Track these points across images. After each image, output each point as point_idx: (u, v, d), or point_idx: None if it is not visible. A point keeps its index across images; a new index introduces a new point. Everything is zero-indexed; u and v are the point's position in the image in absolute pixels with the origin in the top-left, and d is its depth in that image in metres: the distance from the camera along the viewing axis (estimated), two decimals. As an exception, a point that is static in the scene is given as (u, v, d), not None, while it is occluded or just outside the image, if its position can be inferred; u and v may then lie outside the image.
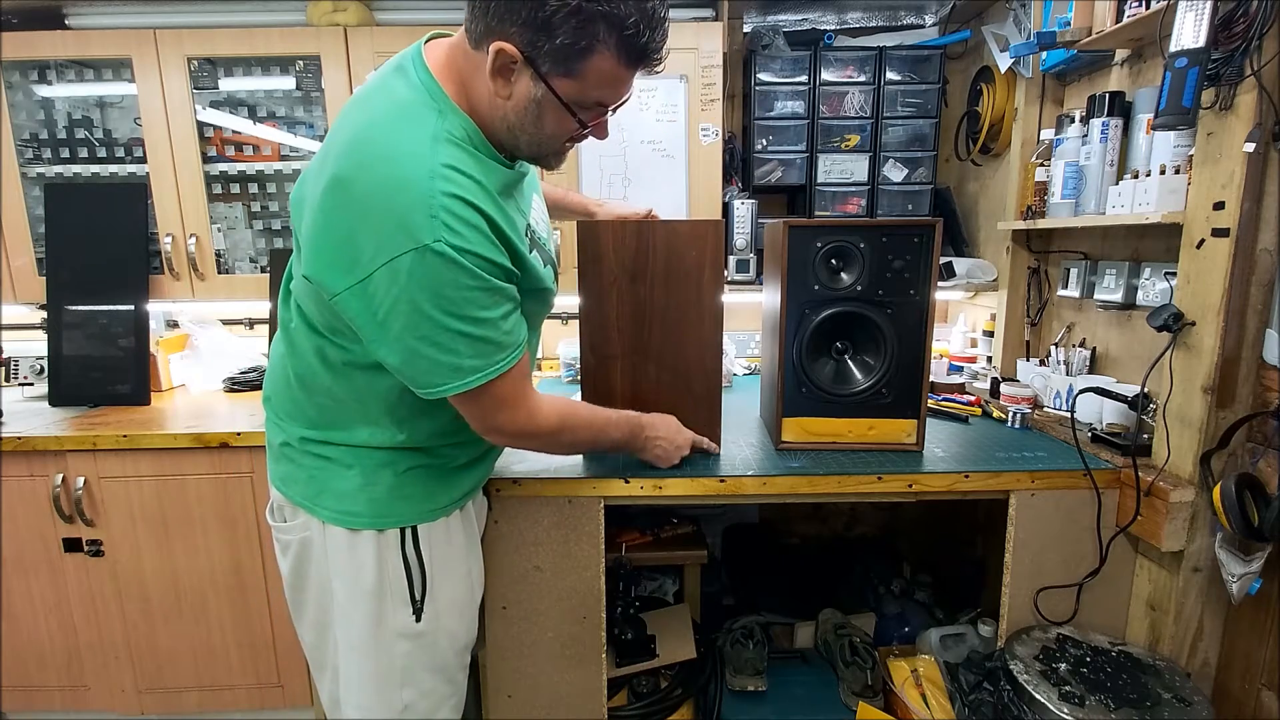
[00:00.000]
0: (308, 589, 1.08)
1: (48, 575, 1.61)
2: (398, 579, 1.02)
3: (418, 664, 1.06)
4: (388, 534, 1.01)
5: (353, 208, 0.81)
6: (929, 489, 1.27)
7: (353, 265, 0.81)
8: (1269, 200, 1.10)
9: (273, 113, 2.01)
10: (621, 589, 1.62)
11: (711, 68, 1.81)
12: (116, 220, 1.81)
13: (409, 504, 1.02)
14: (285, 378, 1.03)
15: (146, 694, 1.68)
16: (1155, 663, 1.21)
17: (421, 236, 0.79)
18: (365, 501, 1.00)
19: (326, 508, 1.01)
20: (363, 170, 0.81)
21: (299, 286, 0.96)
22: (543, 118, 0.87)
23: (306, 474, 1.02)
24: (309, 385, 1.00)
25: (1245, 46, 1.05)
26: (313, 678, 1.18)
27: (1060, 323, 1.73)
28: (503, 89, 0.84)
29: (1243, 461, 1.18)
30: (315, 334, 0.96)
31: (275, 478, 1.07)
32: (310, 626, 1.11)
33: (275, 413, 1.07)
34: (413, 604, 1.03)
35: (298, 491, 1.03)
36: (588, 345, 1.28)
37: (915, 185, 2.01)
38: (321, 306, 0.91)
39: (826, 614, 1.80)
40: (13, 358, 1.89)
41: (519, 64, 0.81)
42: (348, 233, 0.82)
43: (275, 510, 1.10)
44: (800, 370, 1.33)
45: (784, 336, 1.32)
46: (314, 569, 1.06)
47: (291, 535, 1.06)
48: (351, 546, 1.01)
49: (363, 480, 1.00)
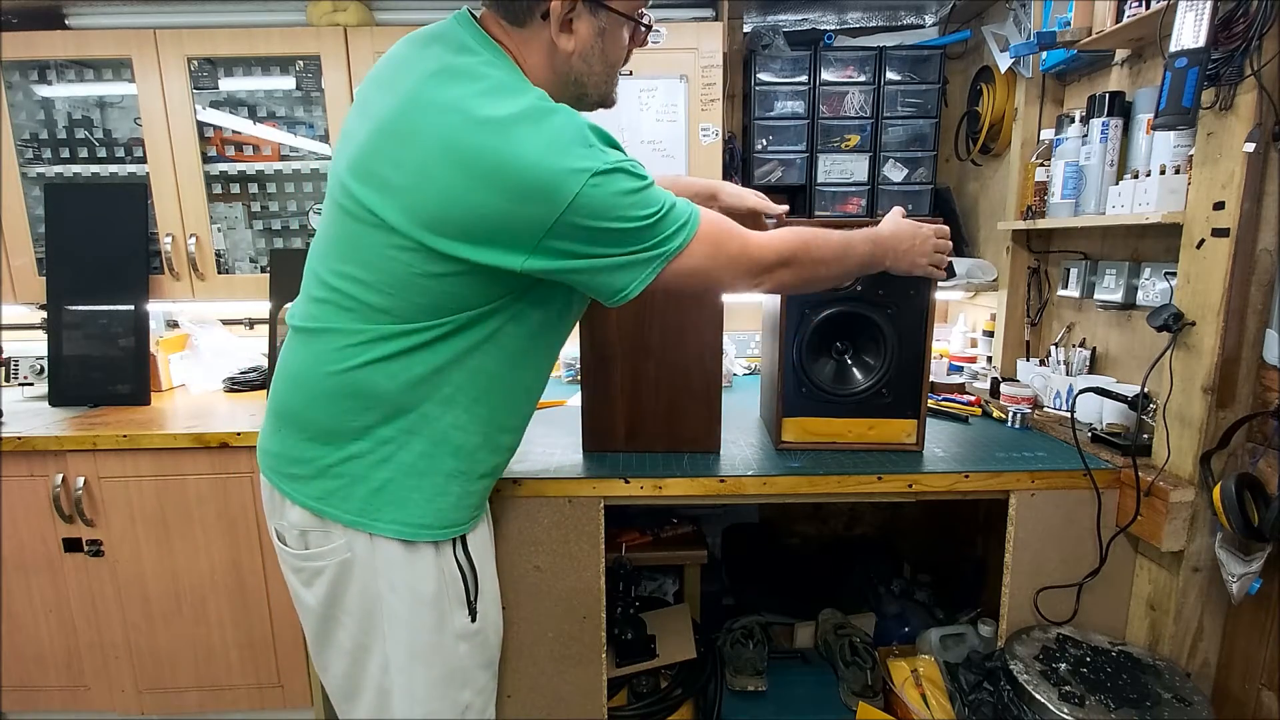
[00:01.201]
0: (343, 615, 1.01)
1: (48, 575, 1.61)
2: (454, 583, 1.01)
3: (474, 663, 1.06)
4: (443, 543, 0.99)
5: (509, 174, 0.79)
6: (929, 489, 1.27)
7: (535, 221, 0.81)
8: (1269, 200, 1.10)
9: (273, 113, 2.01)
10: (621, 589, 1.62)
11: (711, 68, 1.81)
12: (116, 220, 1.81)
13: (466, 512, 1.01)
14: (332, 384, 0.92)
15: (146, 694, 1.68)
16: (1155, 663, 1.21)
17: (593, 164, 0.80)
18: (432, 513, 0.96)
19: (386, 520, 0.95)
20: (498, 135, 0.79)
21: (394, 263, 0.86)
22: (608, 46, 0.91)
23: (365, 487, 0.94)
24: (371, 384, 0.91)
25: (1245, 46, 1.05)
26: (337, 711, 1.10)
27: (1060, 323, 1.73)
28: (567, 42, 0.88)
29: (1243, 461, 1.18)
30: (380, 326, 0.89)
31: (310, 498, 0.96)
32: (342, 654, 1.03)
33: (306, 426, 0.96)
34: (469, 605, 1.02)
35: (349, 508, 0.95)
36: (588, 345, 1.28)
37: (915, 185, 2.01)
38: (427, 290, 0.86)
39: (826, 614, 1.80)
40: (13, 358, 1.89)
41: (578, 6, 0.85)
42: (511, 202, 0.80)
43: (295, 536, 1.00)
44: (800, 370, 1.33)
45: (784, 336, 1.32)
46: (355, 589, 0.99)
47: (325, 561, 0.98)
48: (409, 558, 0.97)
49: (429, 489, 0.96)
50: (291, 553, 1.01)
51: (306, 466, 0.96)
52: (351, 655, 1.03)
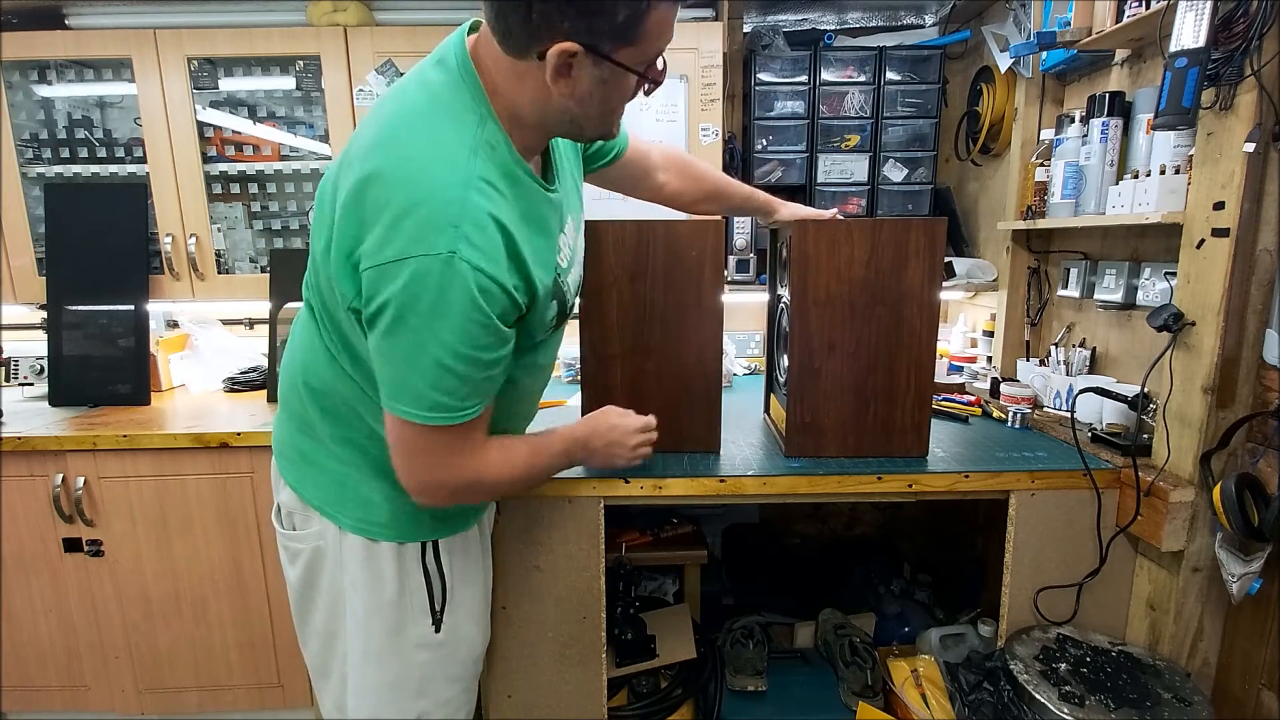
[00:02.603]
0: (317, 598, 1.05)
1: (48, 575, 1.61)
2: (418, 590, 1.00)
3: (436, 674, 1.05)
4: (408, 546, 0.99)
5: (383, 199, 0.77)
6: (929, 489, 1.27)
7: (378, 249, 0.77)
8: (1269, 200, 1.10)
9: (273, 113, 2.01)
10: (621, 589, 1.62)
11: (711, 68, 1.81)
12: (116, 220, 1.81)
13: (434, 520, 1.00)
14: (306, 378, 0.97)
15: (146, 694, 1.68)
16: (1155, 663, 1.21)
17: (446, 245, 0.75)
18: (389, 514, 0.97)
19: (349, 516, 0.97)
20: (399, 166, 0.78)
21: (324, 280, 0.90)
22: (610, 94, 0.83)
23: (330, 478, 0.98)
24: (333, 388, 0.95)
25: (1245, 46, 1.04)
26: (313, 684, 1.15)
27: (1060, 323, 1.73)
28: (565, 87, 0.79)
29: (1243, 461, 1.18)
30: (342, 333, 0.91)
31: (291, 478, 1.02)
32: (316, 634, 1.08)
33: (294, 414, 1.01)
34: (433, 615, 1.02)
35: (318, 495, 0.99)
36: (588, 345, 1.28)
37: (915, 185, 2.01)
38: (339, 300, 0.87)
39: (826, 614, 1.80)
40: (13, 358, 1.89)
41: (579, 56, 0.76)
42: (374, 220, 0.77)
43: (284, 516, 1.06)
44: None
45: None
46: (325, 579, 1.03)
47: (303, 544, 1.03)
48: (370, 558, 0.98)
49: (390, 490, 0.96)
50: (280, 531, 1.07)
51: (290, 448, 1.03)
52: (323, 637, 1.08)
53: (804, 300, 1.26)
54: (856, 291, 1.25)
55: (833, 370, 1.28)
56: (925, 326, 1.26)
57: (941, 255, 1.25)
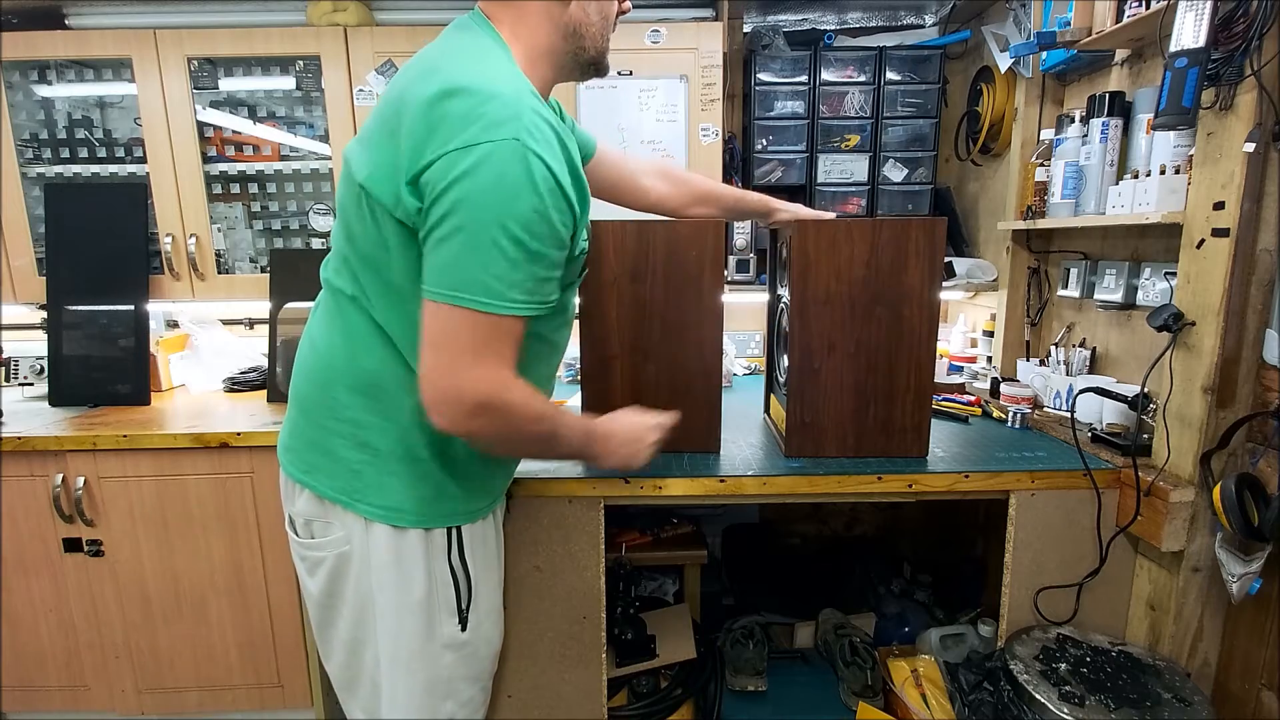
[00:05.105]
0: (341, 607, 1.03)
1: (48, 575, 1.61)
2: (445, 588, 1.00)
3: (459, 675, 1.05)
4: (435, 537, 0.98)
5: (449, 105, 0.80)
6: (929, 489, 1.27)
7: (446, 140, 0.80)
8: (1269, 200, 1.10)
9: (273, 113, 2.01)
10: (621, 589, 1.62)
11: (711, 68, 1.81)
12: (116, 220, 1.81)
13: (454, 503, 1.00)
14: (333, 361, 0.96)
15: (146, 694, 1.68)
16: (1155, 663, 1.21)
17: (510, 132, 0.79)
18: (409, 497, 0.96)
19: (369, 503, 0.96)
20: (460, 76, 0.82)
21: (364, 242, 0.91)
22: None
23: (345, 466, 0.96)
24: (367, 366, 0.94)
25: (1245, 46, 1.04)
26: (339, 697, 1.11)
27: (1060, 323, 1.73)
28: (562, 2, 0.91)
29: (1243, 461, 1.18)
30: (389, 286, 0.91)
31: (303, 474, 0.99)
32: (342, 644, 1.05)
33: (310, 408, 0.99)
34: (459, 614, 1.02)
35: (334, 485, 0.97)
36: (588, 345, 1.28)
37: (915, 185, 2.01)
38: (387, 249, 0.88)
39: (826, 614, 1.80)
40: (13, 358, 1.89)
41: None
42: (441, 123, 0.81)
43: (301, 526, 1.03)
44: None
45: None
46: (350, 586, 1.01)
47: (325, 552, 1.00)
48: (398, 553, 0.97)
49: (409, 475, 0.96)
50: (298, 540, 1.04)
51: (300, 440, 1.01)
52: (349, 647, 1.05)
53: (804, 300, 1.26)
54: (856, 291, 1.25)
55: (832, 370, 1.28)
56: (925, 326, 1.27)
57: (941, 255, 1.25)
